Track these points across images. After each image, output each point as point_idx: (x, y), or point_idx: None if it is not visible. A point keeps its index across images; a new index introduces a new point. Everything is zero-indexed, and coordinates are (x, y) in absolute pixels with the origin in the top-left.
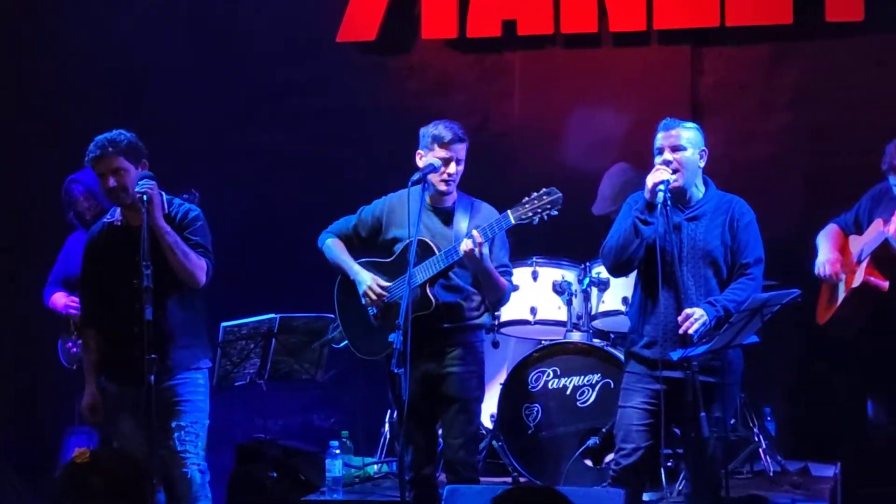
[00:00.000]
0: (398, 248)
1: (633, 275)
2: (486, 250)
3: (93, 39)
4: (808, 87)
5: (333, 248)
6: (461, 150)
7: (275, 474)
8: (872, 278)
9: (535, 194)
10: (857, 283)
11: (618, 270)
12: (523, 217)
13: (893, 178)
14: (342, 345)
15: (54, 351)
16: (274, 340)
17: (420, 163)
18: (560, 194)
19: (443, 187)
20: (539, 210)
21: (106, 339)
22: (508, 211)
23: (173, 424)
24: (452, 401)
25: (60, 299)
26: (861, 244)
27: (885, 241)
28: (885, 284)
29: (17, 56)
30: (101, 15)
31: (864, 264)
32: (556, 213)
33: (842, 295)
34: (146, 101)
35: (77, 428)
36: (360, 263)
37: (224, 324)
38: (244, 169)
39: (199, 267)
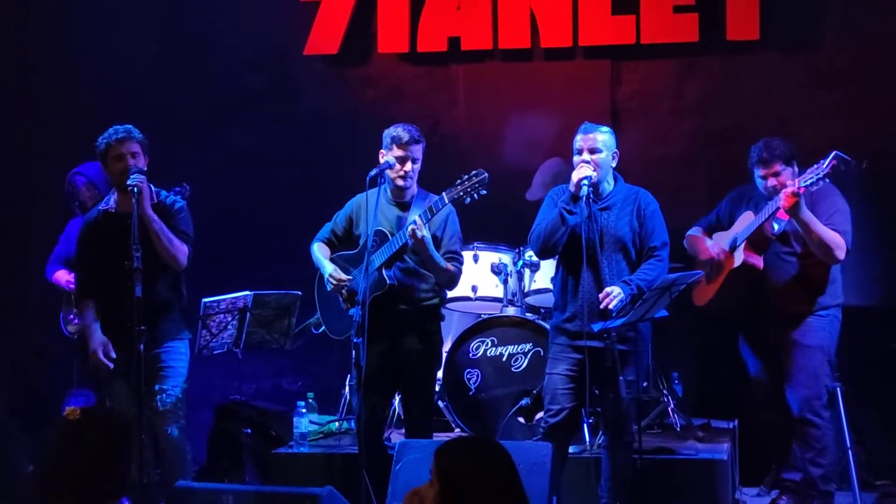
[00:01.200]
0: (362, 239)
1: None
2: (426, 233)
3: (87, 54)
4: (712, 97)
5: (315, 251)
6: (417, 150)
7: (249, 430)
8: (750, 257)
9: (466, 176)
10: (738, 263)
11: (544, 254)
12: (456, 197)
13: (758, 170)
14: (320, 330)
15: (55, 322)
16: (248, 314)
17: (381, 160)
18: (486, 175)
19: (399, 182)
20: (469, 189)
21: (100, 312)
22: (444, 193)
23: (157, 387)
24: (411, 375)
25: (62, 276)
26: (732, 234)
27: (759, 227)
28: (761, 263)
29: (25, 71)
30: (94, 32)
31: (741, 248)
32: (484, 192)
33: (719, 276)
34: (135, 104)
35: (75, 390)
36: (332, 258)
37: (204, 300)
38: (223, 165)
39: (182, 251)
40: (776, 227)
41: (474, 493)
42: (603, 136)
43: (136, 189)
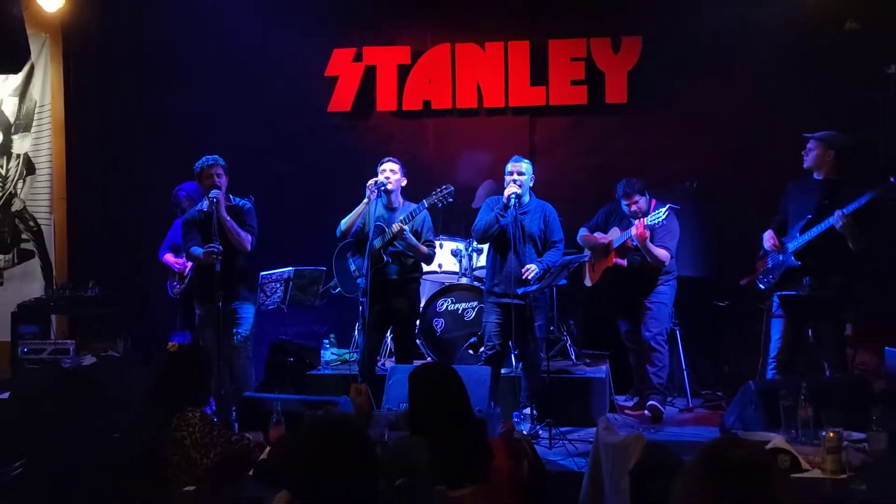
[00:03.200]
0: (367, 231)
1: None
2: (407, 229)
3: (185, 105)
4: (596, 143)
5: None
6: (390, 165)
7: (291, 360)
8: (618, 260)
9: (438, 189)
10: (610, 263)
11: (482, 241)
12: (431, 203)
13: (623, 202)
14: (337, 291)
15: (163, 287)
16: (291, 283)
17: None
18: (452, 188)
19: (390, 187)
20: (441, 198)
21: (197, 279)
22: (423, 200)
23: (234, 331)
24: (399, 324)
25: (170, 258)
26: (608, 239)
27: (623, 242)
28: (625, 262)
29: (143, 119)
30: (180, 92)
31: (612, 253)
32: (451, 199)
33: (599, 268)
34: (217, 142)
35: (177, 333)
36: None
37: (262, 273)
38: (272, 184)
39: (247, 240)
40: (634, 242)
41: (435, 401)
42: (525, 165)
43: (214, 200)
